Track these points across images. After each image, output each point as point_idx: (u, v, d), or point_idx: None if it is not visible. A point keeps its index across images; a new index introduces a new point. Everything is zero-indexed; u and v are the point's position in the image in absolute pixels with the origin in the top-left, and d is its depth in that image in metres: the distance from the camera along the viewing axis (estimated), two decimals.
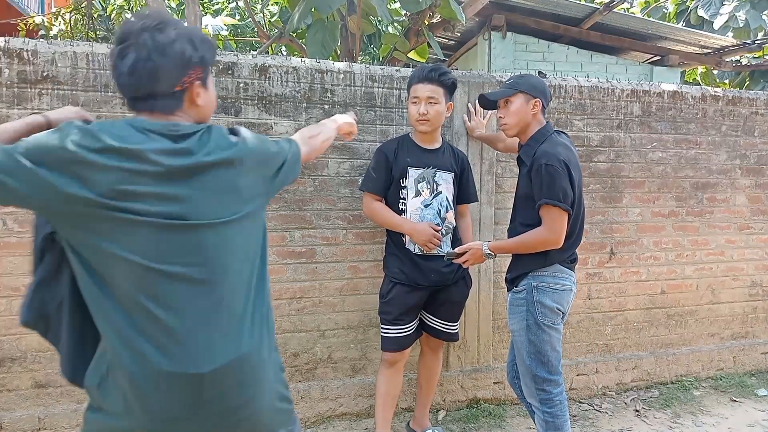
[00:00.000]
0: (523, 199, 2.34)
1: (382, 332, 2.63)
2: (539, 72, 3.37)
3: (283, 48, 9.38)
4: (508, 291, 2.46)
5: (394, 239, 2.62)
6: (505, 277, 2.48)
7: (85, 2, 6.93)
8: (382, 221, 2.61)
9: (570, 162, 2.22)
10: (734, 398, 3.44)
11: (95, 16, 7.75)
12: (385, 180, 2.57)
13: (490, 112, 3.08)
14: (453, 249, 2.54)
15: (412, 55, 5.66)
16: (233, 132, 1.33)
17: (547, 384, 2.31)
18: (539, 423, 2.36)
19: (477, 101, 2.55)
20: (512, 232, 2.42)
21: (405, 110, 2.97)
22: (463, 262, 2.41)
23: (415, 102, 2.52)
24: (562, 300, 2.31)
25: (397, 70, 2.99)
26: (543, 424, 2.34)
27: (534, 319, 2.28)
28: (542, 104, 2.33)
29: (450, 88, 2.54)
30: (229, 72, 2.70)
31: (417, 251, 2.55)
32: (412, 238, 2.52)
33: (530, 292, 2.30)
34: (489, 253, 2.33)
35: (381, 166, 2.57)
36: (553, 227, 2.20)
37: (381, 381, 2.66)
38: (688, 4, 9.28)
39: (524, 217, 2.34)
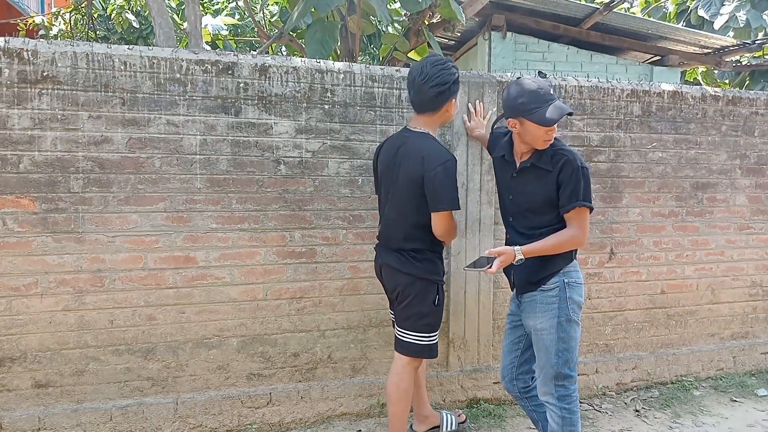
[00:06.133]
0: (541, 204, 2.30)
1: (430, 340, 2.51)
2: (539, 72, 3.36)
3: (283, 48, 9.39)
4: (527, 291, 2.39)
5: (437, 242, 2.50)
6: (528, 279, 2.39)
7: (85, 2, 6.93)
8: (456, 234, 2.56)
9: None
10: (734, 398, 3.44)
11: (95, 16, 7.76)
12: None
13: (490, 111, 3.08)
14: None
15: (412, 55, 5.66)
16: None
17: (567, 380, 2.34)
18: (555, 419, 2.35)
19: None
20: (524, 238, 2.34)
21: (405, 110, 2.98)
22: (489, 268, 2.29)
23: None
24: (583, 293, 2.39)
25: (397, 70, 2.99)
26: (559, 421, 2.34)
27: (566, 315, 2.30)
28: None
29: None
30: (229, 72, 2.70)
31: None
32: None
33: (563, 289, 2.31)
34: (521, 259, 2.26)
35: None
36: (584, 228, 2.27)
37: (411, 383, 2.58)
38: (688, 4, 9.28)
39: (540, 221, 2.31)
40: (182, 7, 8.10)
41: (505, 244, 2.45)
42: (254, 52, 5.45)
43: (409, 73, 2.43)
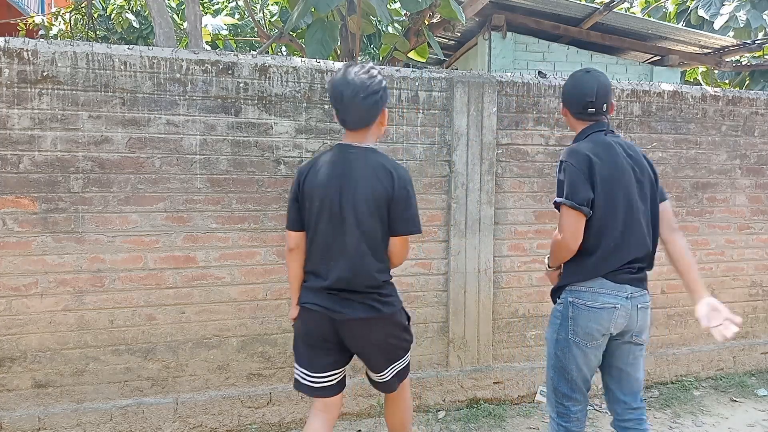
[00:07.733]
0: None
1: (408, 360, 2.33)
2: (539, 72, 3.36)
3: (283, 48, 9.39)
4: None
5: None
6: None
7: (85, 2, 6.93)
8: None
9: (599, 159, 2.04)
10: (734, 398, 3.44)
11: (95, 16, 7.76)
12: None
13: None
14: None
15: (412, 55, 5.65)
16: None
17: (567, 400, 2.18)
18: None
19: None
20: None
21: (404, 110, 2.97)
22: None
23: None
24: (601, 320, 2.05)
25: (397, 70, 2.99)
26: None
27: (565, 334, 2.12)
28: (569, 110, 2.19)
29: None
30: (229, 72, 2.70)
31: None
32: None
33: (567, 306, 2.12)
34: (548, 266, 2.27)
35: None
36: (563, 228, 2.05)
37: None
38: (688, 4, 9.28)
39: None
40: (182, 7, 8.10)
41: None
42: (254, 52, 5.45)
43: (333, 88, 2.01)
